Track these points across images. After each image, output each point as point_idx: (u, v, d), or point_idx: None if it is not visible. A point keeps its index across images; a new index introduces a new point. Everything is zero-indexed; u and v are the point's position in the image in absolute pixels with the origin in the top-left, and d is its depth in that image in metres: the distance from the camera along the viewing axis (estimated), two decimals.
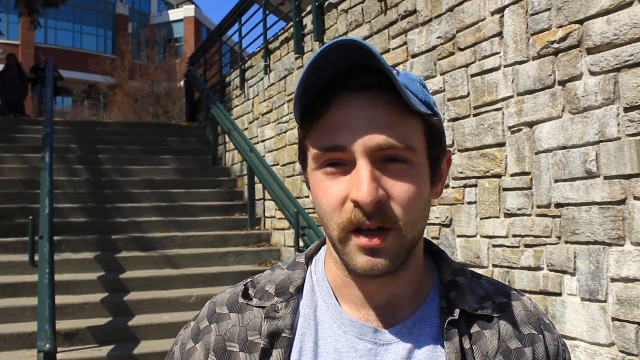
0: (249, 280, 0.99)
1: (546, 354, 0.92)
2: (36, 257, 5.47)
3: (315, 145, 0.85)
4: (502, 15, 4.21)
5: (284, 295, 0.93)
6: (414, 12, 5.16)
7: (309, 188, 0.93)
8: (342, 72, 0.83)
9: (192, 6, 39.57)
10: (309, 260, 1.00)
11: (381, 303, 0.90)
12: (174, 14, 39.63)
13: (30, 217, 5.69)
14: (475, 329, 0.90)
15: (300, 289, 0.94)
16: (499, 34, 4.24)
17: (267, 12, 8.83)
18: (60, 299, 5.65)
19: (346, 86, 0.84)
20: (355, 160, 0.82)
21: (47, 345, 4.20)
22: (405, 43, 5.29)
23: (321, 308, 0.92)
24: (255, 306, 0.93)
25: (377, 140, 0.81)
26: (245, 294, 0.95)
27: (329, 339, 0.89)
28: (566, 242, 3.71)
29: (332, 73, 0.83)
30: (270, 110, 8.33)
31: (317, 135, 0.85)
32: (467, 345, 0.88)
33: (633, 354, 3.29)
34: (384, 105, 0.83)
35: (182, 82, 19.36)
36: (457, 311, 0.90)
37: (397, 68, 0.91)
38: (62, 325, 5.41)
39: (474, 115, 4.47)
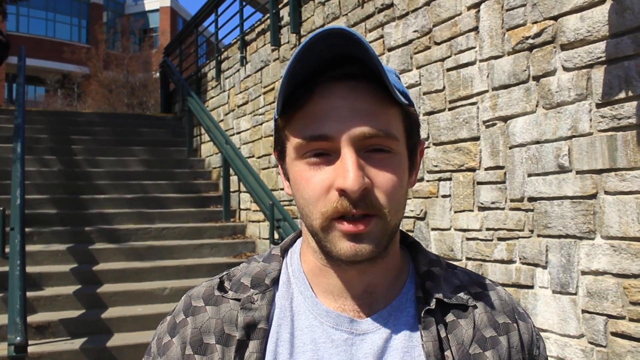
0: (224, 273, 0.99)
1: (521, 343, 0.94)
2: (7, 249, 5.39)
3: (298, 134, 0.85)
4: (478, 10, 4.24)
5: (259, 287, 0.93)
6: (391, 5, 5.17)
7: (287, 179, 0.93)
8: (326, 62, 0.83)
9: None
10: (284, 252, 1.00)
11: (359, 292, 0.91)
12: (149, 4, 39.16)
13: (1, 209, 5.61)
14: (450, 318, 0.91)
15: (276, 281, 0.95)
16: (475, 29, 4.27)
17: (244, 3, 8.77)
18: (31, 292, 5.58)
19: (329, 76, 0.84)
20: (339, 150, 0.83)
21: (18, 338, 4.15)
22: (381, 36, 5.29)
23: (297, 299, 0.93)
24: (231, 298, 0.93)
25: (362, 130, 0.82)
26: (221, 287, 0.95)
27: (305, 330, 0.90)
28: (538, 235, 3.76)
29: (317, 62, 0.83)
30: (246, 102, 8.29)
31: (299, 125, 0.85)
32: (443, 334, 0.89)
33: (602, 345, 3.35)
34: (367, 95, 0.84)
35: (157, 73, 19.18)
36: (433, 301, 0.91)
37: None
38: (33, 318, 5.35)
39: (449, 110, 4.50)
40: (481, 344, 0.90)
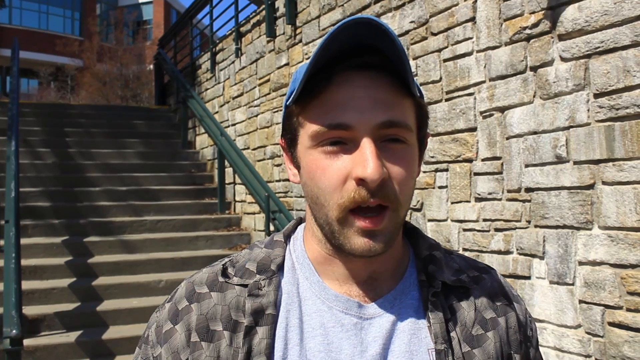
0: (227, 259, 0.99)
1: (517, 324, 0.97)
2: (2, 242, 5.36)
3: (316, 122, 0.85)
4: (475, 1, 4.22)
5: (266, 273, 0.93)
6: None
7: (297, 167, 0.93)
8: (346, 50, 0.84)
9: None
10: (287, 238, 1.00)
11: (364, 279, 0.92)
12: None
13: None
14: (453, 300, 0.93)
15: (281, 267, 0.95)
16: (472, 19, 4.25)
17: None
18: (27, 284, 5.56)
19: (348, 64, 0.84)
20: (357, 139, 0.83)
21: (14, 332, 4.12)
22: None
23: (303, 285, 0.93)
24: (237, 284, 0.92)
25: (381, 120, 0.83)
26: (225, 273, 0.95)
27: (313, 315, 0.90)
28: (536, 226, 3.76)
29: (338, 50, 0.83)
30: (241, 94, 8.26)
31: (317, 112, 0.85)
32: (447, 315, 0.91)
33: (599, 335, 3.36)
34: (385, 86, 0.85)
35: (151, 66, 19.10)
36: (439, 283, 0.93)
37: None
38: (28, 310, 5.33)
39: (446, 100, 4.49)
40: (483, 325, 0.93)
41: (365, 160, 0.81)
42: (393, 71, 0.84)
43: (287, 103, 0.91)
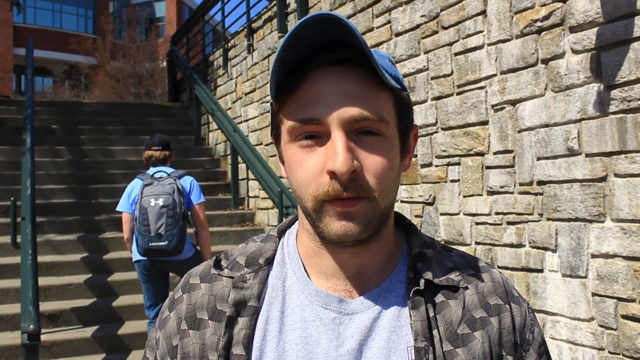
0: (222, 252, 1.03)
1: (512, 325, 0.94)
2: (18, 239, 5.43)
3: (290, 118, 0.87)
4: None
5: (253, 267, 0.96)
6: None
7: (282, 162, 0.95)
8: (318, 47, 0.85)
9: None
10: (281, 233, 1.03)
11: (351, 273, 0.93)
12: None
13: (12, 199, 5.64)
14: (440, 298, 0.92)
15: (270, 261, 0.98)
16: (483, 13, 4.24)
17: None
18: (43, 281, 5.63)
19: (321, 60, 0.86)
20: (330, 133, 0.84)
21: (31, 327, 4.19)
22: (389, 22, 5.27)
23: (290, 279, 0.95)
24: (226, 276, 0.96)
25: (352, 113, 0.84)
26: (218, 265, 0.99)
27: (295, 309, 0.92)
28: (548, 219, 3.75)
29: (308, 47, 0.84)
30: (254, 90, 8.28)
31: (292, 108, 0.87)
32: (431, 313, 0.91)
33: (612, 328, 3.35)
34: (358, 79, 0.85)
35: (164, 63, 19.18)
36: (422, 281, 0.92)
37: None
38: (45, 306, 5.40)
39: (458, 94, 4.48)
40: (470, 325, 0.91)
41: (335, 153, 0.82)
42: (367, 65, 0.85)
43: (271, 100, 0.93)
